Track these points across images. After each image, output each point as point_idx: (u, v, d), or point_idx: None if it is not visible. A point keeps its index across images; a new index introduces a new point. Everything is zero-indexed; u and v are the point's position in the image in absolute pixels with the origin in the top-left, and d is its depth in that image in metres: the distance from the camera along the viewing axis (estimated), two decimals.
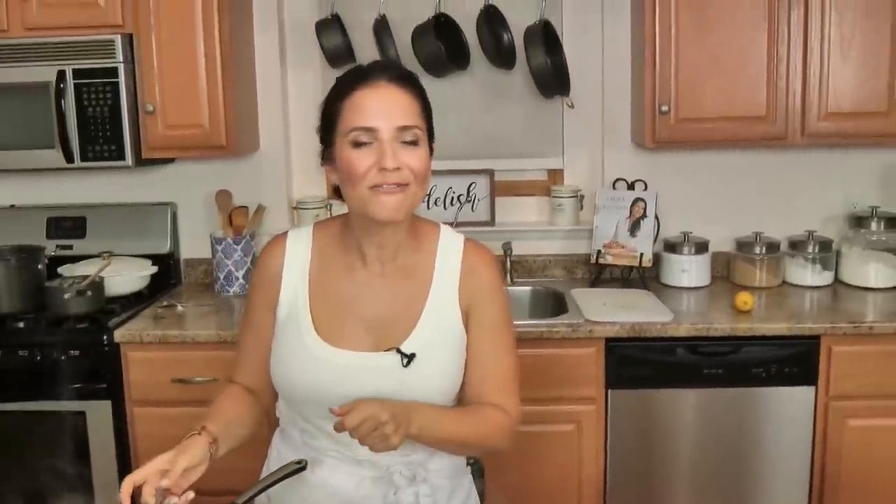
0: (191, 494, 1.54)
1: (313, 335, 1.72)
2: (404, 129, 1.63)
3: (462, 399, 1.81)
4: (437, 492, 1.76)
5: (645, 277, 3.40)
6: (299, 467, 1.69)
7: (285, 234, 1.85)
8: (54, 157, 3.16)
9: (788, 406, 2.94)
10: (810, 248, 3.38)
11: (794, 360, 2.91)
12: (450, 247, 1.80)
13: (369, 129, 1.61)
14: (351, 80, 1.67)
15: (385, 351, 1.69)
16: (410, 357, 1.67)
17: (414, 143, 1.64)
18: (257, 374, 1.82)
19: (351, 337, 1.71)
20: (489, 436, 1.75)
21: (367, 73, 1.67)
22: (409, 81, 1.68)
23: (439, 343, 1.73)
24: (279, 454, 1.87)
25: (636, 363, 2.92)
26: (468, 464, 1.93)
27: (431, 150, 1.72)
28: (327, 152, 1.71)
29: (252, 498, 1.62)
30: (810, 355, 2.91)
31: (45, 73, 3.11)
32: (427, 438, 1.66)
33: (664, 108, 3.13)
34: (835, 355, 2.91)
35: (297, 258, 1.79)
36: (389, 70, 1.68)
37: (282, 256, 1.80)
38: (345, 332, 1.72)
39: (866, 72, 3.11)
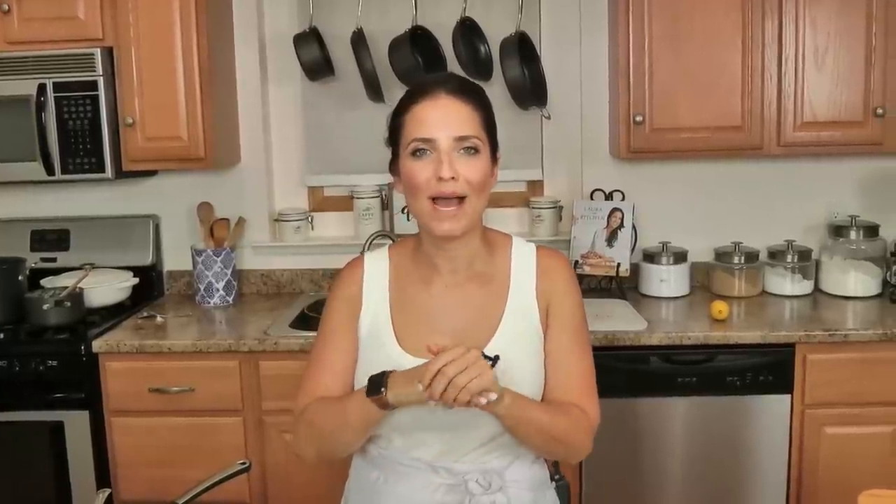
0: None
1: (396, 347, 1.74)
2: (462, 139, 1.67)
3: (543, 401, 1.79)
4: (514, 502, 1.76)
5: (623, 287, 3.40)
6: (243, 468, 1.69)
7: (361, 256, 1.89)
8: (35, 169, 3.19)
9: (764, 414, 2.93)
10: (789, 258, 3.38)
11: (770, 369, 2.91)
12: (523, 252, 1.83)
13: (427, 140, 1.66)
14: (412, 93, 1.73)
15: None
16: (495, 359, 1.66)
17: (473, 152, 1.68)
18: (337, 390, 1.79)
19: None
20: (573, 432, 1.74)
21: (427, 86, 1.72)
22: (469, 93, 1.72)
23: (522, 345, 1.75)
24: (357, 470, 1.89)
25: (610, 372, 2.88)
26: (552, 479, 1.92)
27: (497, 160, 1.76)
28: (394, 165, 1.76)
29: (193, 498, 1.62)
30: (785, 364, 2.91)
31: (26, 86, 3.15)
32: (514, 417, 1.64)
33: (638, 118, 3.14)
34: (810, 363, 2.90)
35: (376, 277, 1.83)
36: (449, 82, 1.72)
37: (360, 277, 1.84)
38: (426, 342, 1.70)
39: (841, 82, 3.12)
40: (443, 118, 1.67)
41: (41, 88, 3.14)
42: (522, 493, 1.78)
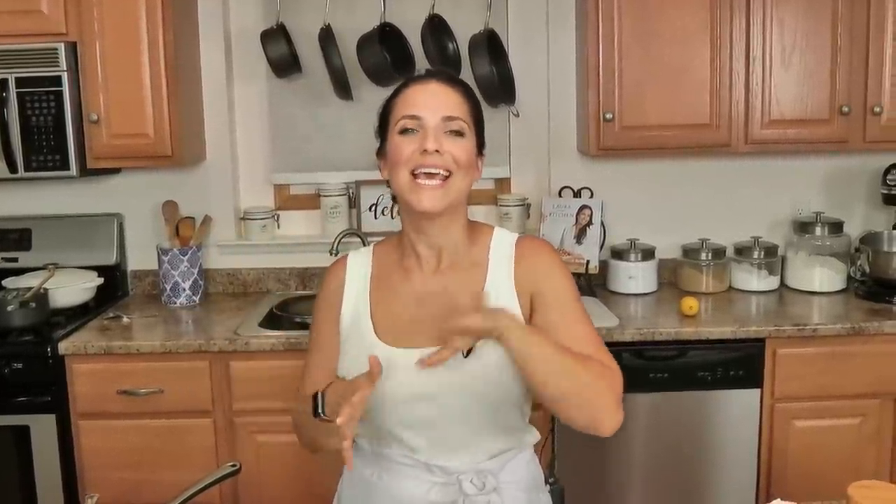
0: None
1: (374, 339, 1.74)
2: (449, 119, 1.70)
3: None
4: (508, 503, 1.74)
5: (592, 284, 3.41)
6: (234, 470, 1.67)
7: (346, 255, 1.91)
8: None
9: (734, 408, 2.96)
10: (756, 254, 3.42)
11: (740, 363, 2.94)
12: (503, 240, 1.82)
13: (415, 117, 1.69)
14: (405, 81, 1.78)
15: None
16: (467, 354, 1.66)
17: (459, 134, 1.71)
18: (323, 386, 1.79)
19: (410, 336, 1.73)
20: (596, 378, 1.62)
21: (420, 75, 1.78)
22: (459, 84, 1.77)
23: None
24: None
25: None
26: (547, 482, 1.91)
27: (482, 154, 1.80)
28: (382, 149, 1.79)
29: (185, 501, 1.59)
30: (755, 358, 2.95)
31: None
32: (531, 350, 1.56)
33: (608, 116, 3.16)
34: (779, 358, 2.94)
35: (357, 273, 1.85)
36: (442, 73, 1.79)
37: (343, 274, 1.86)
38: (405, 333, 1.74)
39: (808, 80, 3.17)
40: (431, 98, 1.71)
41: (3, 84, 3.07)
42: (517, 495, 1.77)
